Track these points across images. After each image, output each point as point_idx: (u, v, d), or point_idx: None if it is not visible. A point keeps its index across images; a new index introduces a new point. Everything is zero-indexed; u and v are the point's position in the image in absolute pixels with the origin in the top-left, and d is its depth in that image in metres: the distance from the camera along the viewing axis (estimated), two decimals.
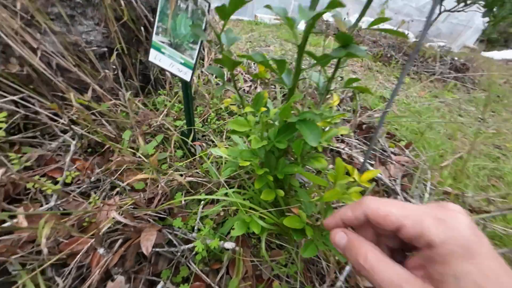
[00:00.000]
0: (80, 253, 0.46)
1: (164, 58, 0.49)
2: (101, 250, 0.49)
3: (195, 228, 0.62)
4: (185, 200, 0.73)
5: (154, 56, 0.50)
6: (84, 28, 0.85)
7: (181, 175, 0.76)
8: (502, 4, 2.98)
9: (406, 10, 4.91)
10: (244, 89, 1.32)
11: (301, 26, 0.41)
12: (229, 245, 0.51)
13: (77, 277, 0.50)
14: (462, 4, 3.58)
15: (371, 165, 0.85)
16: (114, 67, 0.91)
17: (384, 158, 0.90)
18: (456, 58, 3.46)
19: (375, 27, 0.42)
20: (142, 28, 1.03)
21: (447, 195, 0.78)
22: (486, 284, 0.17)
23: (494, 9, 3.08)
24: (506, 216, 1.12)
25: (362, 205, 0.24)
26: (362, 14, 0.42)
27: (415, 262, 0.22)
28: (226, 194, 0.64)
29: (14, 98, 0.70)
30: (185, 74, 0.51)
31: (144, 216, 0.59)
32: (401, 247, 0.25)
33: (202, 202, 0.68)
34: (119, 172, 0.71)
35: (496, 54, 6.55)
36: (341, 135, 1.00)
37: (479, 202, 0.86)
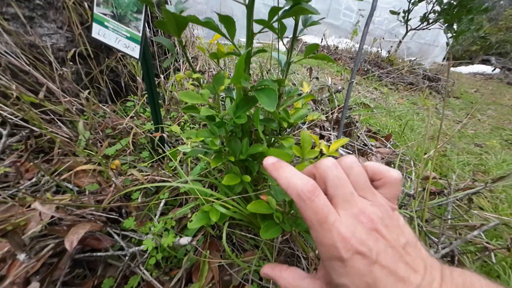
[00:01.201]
0: None
1: (108, 33, 0.46)
2: (21, 256, 0.40)
3: (151, 229, 0.53)
4: (145, 201, 0.64)
5: (97, 32, 0.46)
6: (45, 31, 0.83)
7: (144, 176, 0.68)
8: (460, 20, 3.31)
9: (377, 32, 5.34)
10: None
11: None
12: (184, 240, 0.43)
13: None
14: (426, 23, 3.93)
15: None
16: (70, 64, 0.87)
17: (364, 149, 0.86)
18: (427, 71, 3.71)
19: None
20: None
21: (426, 180, 0.73)
22: None
23: (454, 25, 3.41)
24: (498, 208, 1.08)
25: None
26: None
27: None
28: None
29: None
30: (133, 51, 0.47)
31: (88, 216, 0.50)
32: None
33: (163, 200, 0.60)
34: (61, 172, 0.62)
35: (464, 69, 7.18)
36: (320, 130, 0.97)
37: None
